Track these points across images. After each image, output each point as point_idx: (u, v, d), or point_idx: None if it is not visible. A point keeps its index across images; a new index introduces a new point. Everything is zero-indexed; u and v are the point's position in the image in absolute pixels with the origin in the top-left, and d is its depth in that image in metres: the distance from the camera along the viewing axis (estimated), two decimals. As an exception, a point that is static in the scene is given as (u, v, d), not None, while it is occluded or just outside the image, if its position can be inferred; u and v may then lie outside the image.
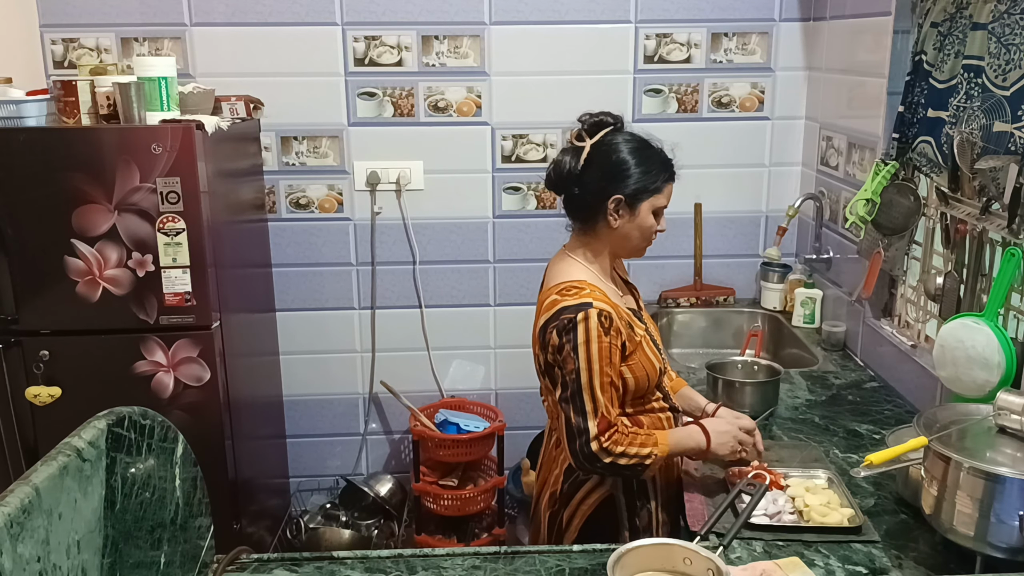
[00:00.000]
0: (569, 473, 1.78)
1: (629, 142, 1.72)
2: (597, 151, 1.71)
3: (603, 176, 1.70)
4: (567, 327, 1.63)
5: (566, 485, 1.79)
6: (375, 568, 1.55)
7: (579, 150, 1.72)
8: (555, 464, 1.82)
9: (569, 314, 1.64)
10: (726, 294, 3.14)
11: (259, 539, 2.81)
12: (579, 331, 1.62)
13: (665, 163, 1.74)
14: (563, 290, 1.69)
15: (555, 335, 1.65)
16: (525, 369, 3.18)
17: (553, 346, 1.66)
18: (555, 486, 1.81)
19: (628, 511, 1.77)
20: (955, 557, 1.50)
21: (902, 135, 2.26)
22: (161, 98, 2.38)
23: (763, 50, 3.01)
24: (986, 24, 1.92)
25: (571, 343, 1.62)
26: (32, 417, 2.41)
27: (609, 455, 1.63)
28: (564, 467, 1.79)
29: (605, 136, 1.72)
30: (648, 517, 1.79)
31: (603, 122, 1.74)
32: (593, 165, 1.71)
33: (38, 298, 2.36)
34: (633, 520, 1.78)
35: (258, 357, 2.95)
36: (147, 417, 1.38)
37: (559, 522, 1.80)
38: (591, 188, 1.72)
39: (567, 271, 1.75)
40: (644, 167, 1.70)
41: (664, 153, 1.76)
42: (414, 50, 2.94)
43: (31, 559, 1.08)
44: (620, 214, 1.72)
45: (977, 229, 1.94)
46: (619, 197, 1.70)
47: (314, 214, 3.07)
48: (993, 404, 1.50)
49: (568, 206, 1.80)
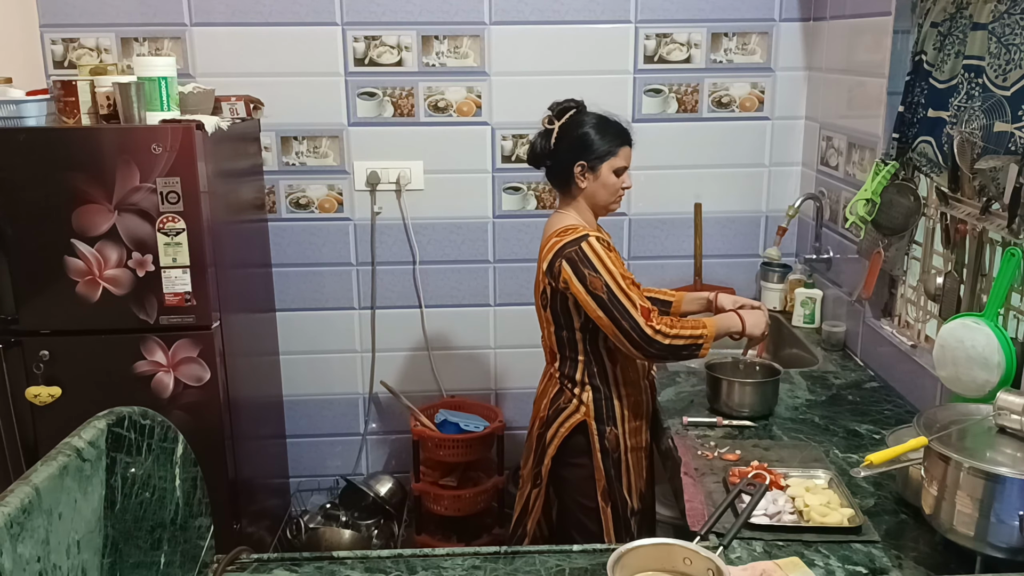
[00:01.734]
0: (553, 401, 2.18)
1: (588, 119, 2.10)
2: (564, 130, 2.10)
3: (568, 148, 2.09)
4: (577, 256, 2.00)
5: (551, 411, 2.18)
6: (375, 568, 1.55)
7: (549, 132, 2.12)
8: (544, 396, 2.22)
9: (573, 246, 2.01)
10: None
11: (259, 539, 2.81)
12: (588, 253, 1.99)
13: (620, 132, 2.11)
14: (561, 232, 2.06)
15: (567, 266, 2.00)
16: (525, 369, 3.22)
17: (566, 277, 2.00)
18: (543, 412, 2.20)
19: (598, 435, 2.13)
20: (955, 557, 1.50)
21: (902, 135, 2.26)
22: (161, 98, 2.38)
23: (763, 50, 3.01)
24: (986, 24, 1.92)
25: (588, 266, 1.99)
26: (32, 417, 2.41)
27: (665, 336, 1.98)
28: (550, 397, 2.19)
29: (569, 117, 2.10)
30: (615, 440, 2.15)
31: (567, 107, 2.13)
32: (562, 141, 2.09)
33: (38, 298, 2.36)
34: (603, 442, 2.14)
35: (258, 357, 2.95)
36: (147, 417, 1.38)
37: (543, 440, 2.19)
38: (560, 160, 2.11)
39: (562, 221, 2.12)
40: (600, 137, 2.08)
41: (620, 124, 2.12)
42: (414, 50, 2.94)
43: (31, 559, 1.08)
44: (585, 176, 2.09)
45: (977, 229, 1.94)
46: (582, 163, 2.08)
47: (314, 214, 3.07)
48: (993, 404, 1.50)
49: (548, 176, 2.19)
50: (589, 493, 2.16)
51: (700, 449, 1.98)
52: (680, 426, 2.12)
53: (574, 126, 2.09)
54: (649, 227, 3.14)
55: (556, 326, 2.13)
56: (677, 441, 2.03)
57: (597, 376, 2.12)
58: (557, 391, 2.18)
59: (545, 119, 2.14)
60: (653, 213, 3.12)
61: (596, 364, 2.12)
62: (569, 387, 2.15)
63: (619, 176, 2.11)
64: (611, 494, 2.15)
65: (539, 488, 2.22)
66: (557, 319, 2.11)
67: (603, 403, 2.13)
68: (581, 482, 2.16)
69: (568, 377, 2.15)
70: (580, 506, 2.18)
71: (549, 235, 2.10)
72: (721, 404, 2.17)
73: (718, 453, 1.95)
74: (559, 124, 2.10)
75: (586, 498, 2.16)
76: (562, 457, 2.16)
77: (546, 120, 2.13)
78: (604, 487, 2.14)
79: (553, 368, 2.20)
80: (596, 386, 2.13)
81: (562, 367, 2.16)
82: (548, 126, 2.12)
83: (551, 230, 2.11)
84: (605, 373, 2.13)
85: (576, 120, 2.10)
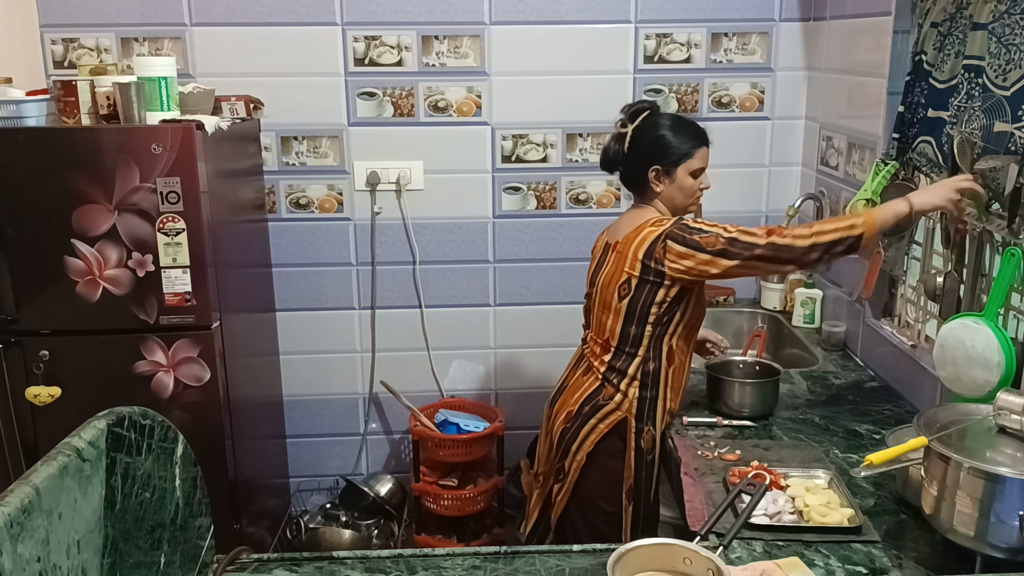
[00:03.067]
0: (591, 398, 2.11)
1: (663, 121, 2.06)
2: (637, 134, 2.05)
3: (642, 152, 2.05)
4: (681, 230, 1.96)
5: (586, 407, 2.11)
6: (375, 568, 1.55)
7: (623, 136, 2.07)
8: (578, 390, 2.15)
9: (672, 227, 1.97)
10: (726, 294, 3.14)
11: (259, 539, 2.81)
12: (690, 224, 1.97)
13: (696, 132, 2.07)
14: (655, 222, 2.02)
15: (675, 244, 1.96)
16: (525, 369, 3.22)
17: (676, 255, 1.95)
18: (573, 407, 2.13)
19: (635, 433, 2.08)
20: (955, 557, 1.50)
21: (902, 135, 2.26)
22: (161, 98, 2.38)
23: (763, 50, 3.01)
24: (986, 24, 1.92)
25: (696, 232, 1.95)
26: (32, 417, 2.41)
27: (806, 238, 1.89)
28: (587, 392, 2.12)
29: (643, 120, 2.06)
30: (651, 441, 2.10)
31: (641, 109, 2.08)
32: (636, 145, 2.06)
33: (38, 298, 2.36)
34: (639, 441, 2.09)
35: (258, 357, 2.95)
36: (147, 417, 1.38)
37: (576, 436, 2.11)
38: (634, 164, 2.07)
39: (647, 214, 2.08)
40: (676, 139, 2.04)
41: (696, 124, 2.09)
42: (414, 50, 2.94)
43: (31, 559, 1.08)
44: (660, 180, 2.06)
45: (977, 229, 1.94)
46: (656, 167, 2.04)
47: (314, 214, 3.07)
48: (993, 404, 1.50)
49: (622, 180, 2.15)
50: (611, 498, 2.11)
51: (700, 449, 1.98)
52: (680, 426, 2.12)
53: (648, 129, 2.04)
54: (649, 227, 3.14)
55: (627, 318, 2.05)
56: (677, 441, 2.03)
57: (651, 374, 2.07)
58: (597, 387, 2.11)
59: (618, 122, 2.09)
60: (653, 213, 3.12)
61: (654, 361, 2.07)
62: (615, 382, 2.08)
63: (696, 178, 2.07)
64: (636, 493, 2.10)
65: (563, 483, 2.16)
66: (632, 311, 2.04)
67: (647, 402, 2.08)
68: (605, 487, 2.11)
69: (619, 371, 2.08)
70: (598, 510, 2.13)
71: (640, 225, 2.03)
72: (721, 404, 2.17)
73: (718, 453, 1.95)
74: (632, 127, 2.05)
75: (607, 503, 2.12)
76: (594, 456, 2.10)
77: (619, 123, 2.09)
78: (631, 486, 2.09)
79: (598, 362, 2.12)
80: (646, 383, 2.07)
81: (614, 360, 2.09)
82: (621, 129, 2.07)
83: (639, 221, 2.05)
84: (659, 372, 2.08)
85: (650, 122, 2.05)
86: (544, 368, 3.16)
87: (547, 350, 3.16)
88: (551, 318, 3.15)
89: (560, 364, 2.35)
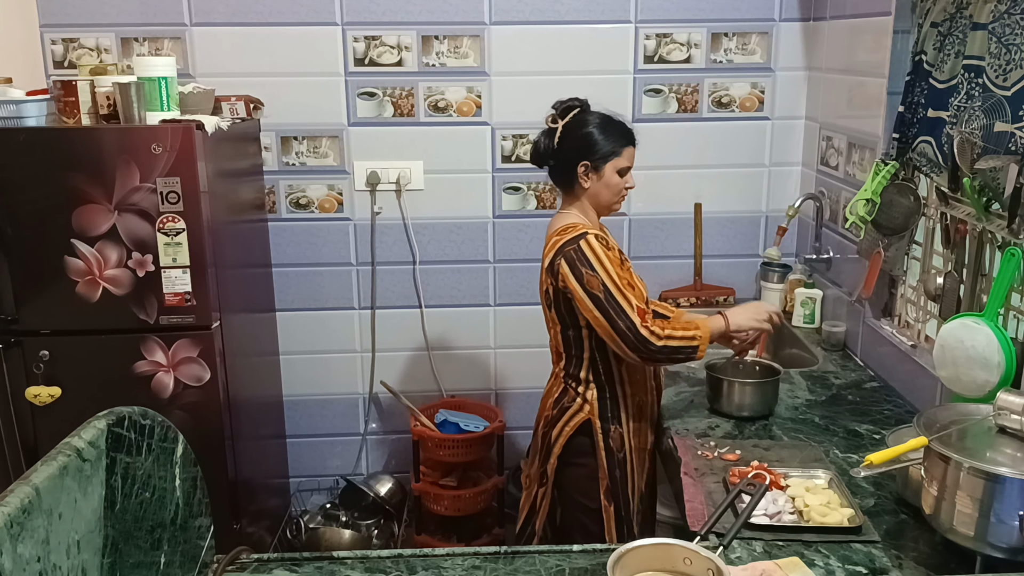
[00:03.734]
0: (557, 401, 2.18)
1: (592, 118, 2.10)
2: (568, 129, 2.09)
3: (572, 148, 2.09)
4: (575, 255, 1.99)
5: (555, 411, 2.18)
6: (375, 568, 1.55)
7: (553, 131, 2.11)
8: (550, 395, 2.22)
9: (571, 245, 2.01)
10: (726, 294, 3.14)
11: (259, 539, 2.81)
12: (586, 252, 1.99)
13: (623, 132, 2.11)
14: (562, 231, 2.06)
15: (565, 265, 2.00)
16: (525, 369, 3.22)
17: (564, 275, 2.00)
18: (548, 412, 2.20)
19: (602, 433, 2.13)
20: (955, 557, 1.50)
21: (902, 135, 2.26)
22: (161, 98, 2.38)
23: (763, 50, 3.01)
24: (986, 24, 1.92)
25: (585, 264, 1.98)
26: (32, 417, 2.41)
27: (659, 338, 1.95)
28: (555, 396, 2.19)
29: (573, 116, 2.09)
30: (620, 439, 2.14)
31: (571, 106, 2.11)
32: (565, 141, 2.09)
33: (38, 298, 2.36)
34: (607, 441, 2.13)
35: (258, 357, 2.95)
36: (147, 417, 1.38)
37: (548, 439, 2.19)
38: (564, 159, 2.10)
39: (563, 220, 2.12)
40: (604, 137, 2.08)
41: (624, 124, 2.12)
42: (414, 50, 2.94)
43: (31, 559, 1.08)
44: (588, 176, 2.09)
45: (977, 229, 1.94)
46: (586, 163, 2.08)
47: (314, 214, 3.07)
48: (993, 404, 1.50)
49: (551, 176, 2.18)
50: (591, 494, 2.14)
51: (700, 449, 1.98)
52: (680, 426, 2.12)
53: (578, 125, 2.08)
54: (649, 227, 3.14)
55: (562, 325, 2.12)
56: (677, 441, 2.03)
57: (603, 374, 2.11)
58: (561, 391, 2.17)
59: (549, 118, 2.13)
60: (653, 213, 3.12)
61: (601, 362, 2.10)
62: (573, 386, 2.14)
63: (622, 176, 2.11)
64: (615, 494, 2.13)
65: (545, 487, 2.20)
66: (562, 318, 2.10)
67: (607, 401, 2.12)
68: (584, 482, 2.15)
69: (573, 376, 2.14)
70: (582, 507, 2.17)
71: (551, 234, 2.10)
72: (721, 404, 2.17)
73: (718, 453, 1.95)
74: (563, 123, 2.09)
75: (588, 499, 2.15)
76: (566, 457, 2.16)
77: (550, 119, 2.13)
78: (608, 486, 2.13)
79: (558, 368, 2.20)
80: (601, 384, 2.12)
81: (567, 366, 2.15)
82: (552, 125, 2.11)
83: (553, 229, 2.11)
84: (611, 371, 2.11)
85: (580, 119, 2.09)
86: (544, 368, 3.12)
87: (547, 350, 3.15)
88: (551, 318, 3.15)
89: (560, 364, 2.35)
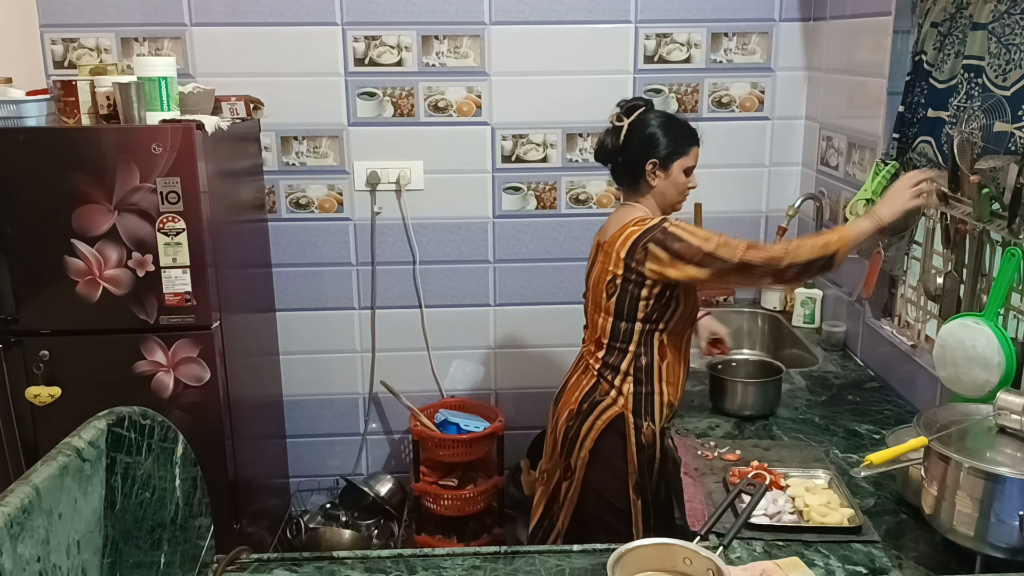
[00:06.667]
0: (588, 395, 2.16)
1: (658, 118, 2.12)
2: (632, 128, 2.11)
3: (640, 146, 2.10)
4: (664, 236, 2.00)
5: (585, 405, 2.15)
6: (375, 568, 1.55)
7: (619, 129, 2.12)
8: (577, 388, 2.19)
9: (655, 230, 2.02)
10: (726, 294, 3.14)
11: (259, 539, 2.81)
12: (671, 228, 2.01)
13: (689, 131, 2.14)
14: (638, 221, 2.07)
15: (655, 248, 2.00)
16: (525, 369, 3.22)
17: (656, 257, 2.00)
18: (573, 405, 2.18)
19: (635, 429, 2.11)
20: (955, 557, 1.50)
21: (902, 135, 2.26)
22: (161, 98, 2.38)
23: (763, 50, 3.01)
24: (986, 24, 1.92)
25: (677, 240, 1.99)
26: (32, 417, 2.41)
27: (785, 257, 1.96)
28: (585, 391, 2.16)
29: (638, 115, 2.11)
30: (652, 435, 2.12)
31: (636, 105, 2.14)
32: (632, 139, 2.10)
33: (38, 298, 2.36)
34: (639, 437, 2.11)
35: (258, 357, 2.95)
36: (147, 417, 1.38)
37: (574, 432, 2.16)
38: (631, 157, 2.11)
39: (633, 212, 2.12)
40: (671, 136, 2.10)
41: (688, 124, 2.15)
42: (414, 50, 2.94)
43: (31, 559, 1.08)
44: (657, 174, 2.11)
45: (977, 229, 1.94)
46: (654, 160, 2.09)
47: (314, 214, 3.07)
48: (993, 404, 1.50)
49: (614, 173, 2.19)
50: (620, 493, 2.13)
51: (700, 449, 1.98)
52: (680, 426, 2.12)
53: (644, 124, 2.10)
54: (649, 227, 3.14)
55: (616, 316, 2.10)
56: (677, 441, 2.03)
57: (643, 369, 2.10)
58: (593, 384, 2.15)
59: (613, 116, 2.15)
60: (653, 213, 3.12)
61: (646, 356, 2.10)
62: (610, 378, 2.12)
63: (688, 175, 2.13)
64: (642, 489, 2.12)
65: (571, 480, 2.18)
66: (621, 308, 2.08)
67: (643, 397, 2.11)
68: (612, 483, 2.13)
69: (612, 367, 2.12)
70: (609, 506, 2.14)
71: (626, 223, 2.08)
72: (724, 404, 2.17)
73: (718, 453, 1.95)
74: (628, 121, 2.11)
75: (617, 498, 2.13)
76: (597, 451, 2.13)
77: (614, 117, 2.14)
78: (636, 481, 2.11)
79: (593, 359, 2.16)
80: (639, 379, 2.10)
81: (607, 356, 2.13)
82: (617, 123, 2.12)
83: (624, 220, 2.10)
84: (652, 367, 2.11)
85: (644, 118, 2.11)
86: (544, 368, 3.16)
87: (547, 350, 3.17)
88: (551, 318, 3.15)
89: (560, 364, 2.36)
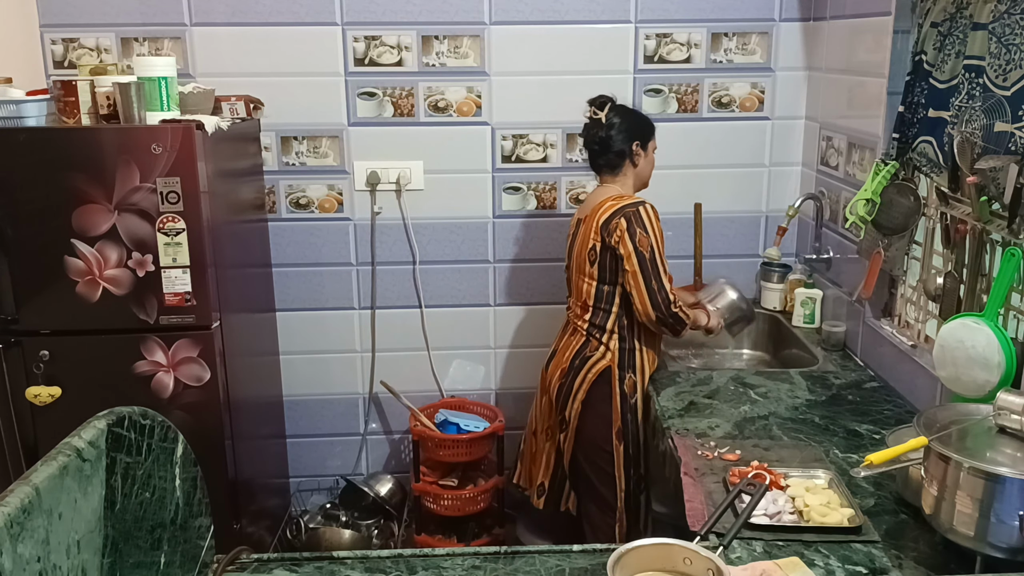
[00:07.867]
0: (579, 352, 2.48)
1: (625, 109, 2.50)
2: (613, 116, 2.45)
3: (625, 130, 2.45)
4: (634, 216, 2.33)
5: (576, 360, 2.47)
6: (375, 568, 1.55)
7: (598, 120, 2.45)
8: (567, 348, 2.52)
9: (631, 208, 2.35)
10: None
11: (259, 539, 2.81)
12: (643, 216, 2.34)
13: (648, 118, 2.55)
14: (616, 198, 2.39)
15: (622, 221, 2.33)
16: (525, 369, 3.21)
17: (620, 231, 2.33)
18: (565, 364, 2.50)
19: (619, 380, 2.43)
20: (955, 557, 1.50)
21: (902, 135, 2.26)
22: (161, 98, 2.38)
23: (763, 50, 3.01)
24: (986, 24, 1.92)
25: (640, 226, 2.33)
26: (32, 417, 2.41)
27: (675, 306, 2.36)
28: (575, 348, 2.49)
29: (610, 108, 2.45)
30: (633, 386, 2.45)
31: (604, 100, 2.47)
32: (616, 126, 2.44)
33: (38, 298, 2.36)
34: (622, 387, 2.44)
35: (258, 357, 2.95)
36: (147, 417, 1.38)
37: (567, 387, 2.47)
38: (618, 141, 2.45)
39: (610, 191, 2.45)
40: (642, 122, 2.50)
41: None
42: (414, 50, 2.94)
43: (31, 559, 1.08)
44: (639, 154, 2.47)
45: (977, 229, 1.94)
46: (639, 141, 2.46)
47: (314, 214, 3.07)
48: (993, 404, 1.50)
49: (596, 159, 2.50)
50: (607, 438, 2.43)
51: (700, 449, 1.98)
52: (680, 426, 2.12)
53: (620, 113, 2.45)
54: (649, 227, 3.14)
55: (599, 280, 2.42)
56: (677, 441, 2.03)
57: (626, 328, 2.44)
58: (583, 342, 2.47)
59: (590, 111, 2.47)
60: (653, 213, 3.12)
61: (627, 316, 2.43)
62: (597, 336, 2.45)
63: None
64: (624, 435, 2.43)
65: (567, 431, 2.50)
66: (603, 273, 2.41)
67: (627, 352, 2.44)
68: (601, 428, 2.44)
69: (599, 327, 2.45)
70: (599, 450, 2.45)
71: (603, 200, 2.40)
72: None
73: (718, 453, 1.95)
74: (604, 113, 2.44)
75: (603, 441, 2.44)
76: (588, 401, 2.44)
77: (591, 112, 2.46)
78: (619, 428, 2.42)
79: (581, 321, 2.49)
80: (623, 336, 2.44)
81: (593, 317, 2.45)
82: (595, 116, 2.45)
83: (604, 196, 2.42)
84: (633, 325, 2.44)
85: (618, 109, 2.46)
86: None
87: (547, 350, 3.16)
88: (551, 318, 3.14)
89: (560, 364, 2.36)
